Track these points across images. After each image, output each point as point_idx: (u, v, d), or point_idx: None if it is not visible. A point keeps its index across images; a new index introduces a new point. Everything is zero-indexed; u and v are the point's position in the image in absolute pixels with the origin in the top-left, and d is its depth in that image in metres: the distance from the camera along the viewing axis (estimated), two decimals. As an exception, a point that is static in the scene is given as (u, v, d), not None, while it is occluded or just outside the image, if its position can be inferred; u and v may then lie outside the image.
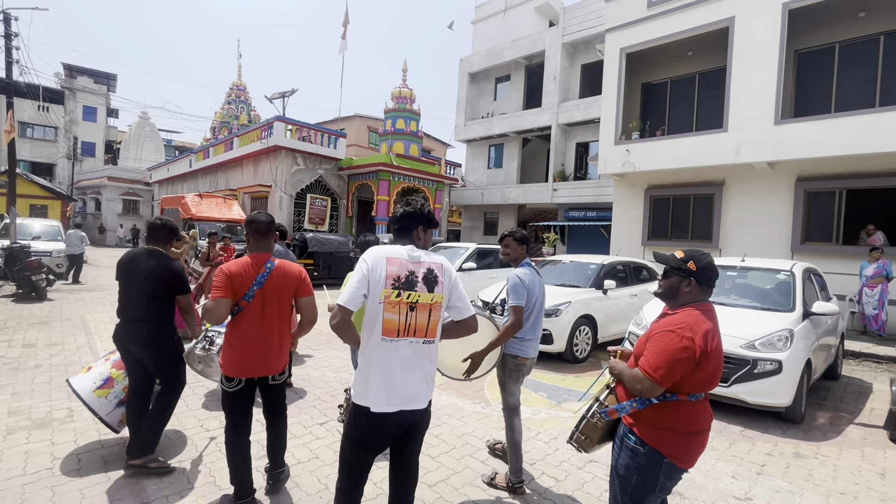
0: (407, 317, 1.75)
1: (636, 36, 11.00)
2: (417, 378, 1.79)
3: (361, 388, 1.78)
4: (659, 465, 1.66)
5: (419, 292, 1.76)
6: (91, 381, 2.96)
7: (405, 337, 1.75)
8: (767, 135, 9.02)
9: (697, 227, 10.85)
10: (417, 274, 1.78)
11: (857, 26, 9.16)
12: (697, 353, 1.60)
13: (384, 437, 1.81)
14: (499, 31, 20.99)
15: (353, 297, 1.71)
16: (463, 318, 1.91)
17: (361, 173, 16.60)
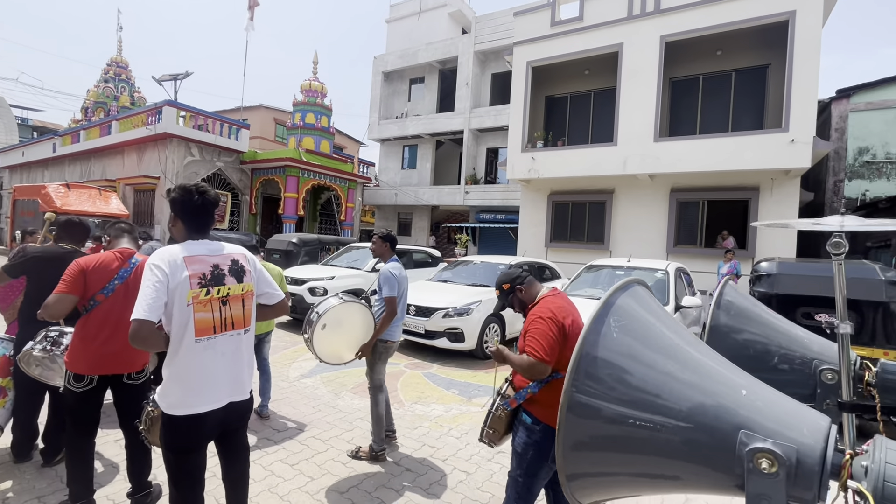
0: (221, 312, 1.76)
1: (541, 51, 11.80)
2: (240, 369, 1.82)
3: (175, 395, 1.71)
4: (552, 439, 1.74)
5: (228, 285, 1.79)
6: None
7: (223, 332, 1.76)
8: (648, 150, 10.24)
9: (592, 230, 11.95)
10: (223, 267, 1.79)
11: (716, 62, 10.81)
12: (559, 324, 1.86)
13: (209, 435, 1.80)
14: (413, 33, 21.10)
15: (154, 309, 1.61)
16: (275, 303, 2.00)
17: (267, 168, 15.58)
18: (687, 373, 0.85)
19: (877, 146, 11.52)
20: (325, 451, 3.35)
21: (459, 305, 6.10)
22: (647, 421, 0.85)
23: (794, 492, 0.76)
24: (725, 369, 0.91)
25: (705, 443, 0.81)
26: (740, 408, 0.82)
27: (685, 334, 0.99)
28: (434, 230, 21.50)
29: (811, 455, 0.74)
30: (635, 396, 0.87)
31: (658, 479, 0.92)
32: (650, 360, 0.89)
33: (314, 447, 3.41)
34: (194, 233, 1.82)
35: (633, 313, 0.97)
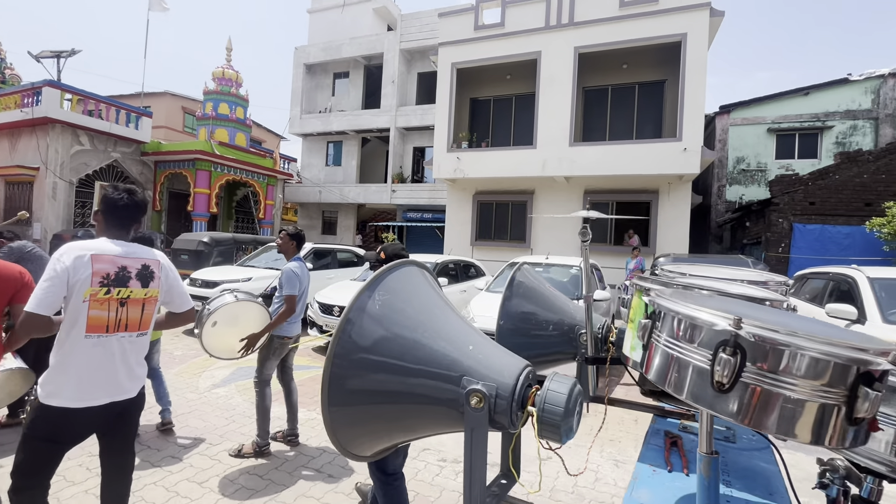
0: (118, 312, 1.79)
1: (465, 53, 12.05)
2: (127, 370, 1.84)
3: (55, 385, 1.72)
4: None
5: (132, 288, 1.83)
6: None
7: (115, 332, 1.80)
8: (564, 154, 10.90)
9: (515, 229, 12.46)
10: (130, 270, 1.83)
11: (622, 75, 11.79)
12: None
13: (83, 432, 1.81)
14: (337, 26, 20.49)
15: (50, 303, 1.65)
16: (181, 311, 2.08)
17: (174, 161, 14.22)
18: (432, 337, 1.05)
19: (751, 157, 13.30)
20: (238, 465, 3.15)
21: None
22: (399, 374, 1.03)
23: (495, 420, 0.96)
24: (462, 333, 1.11)
25: (441, 388, 1.00)
26: (465, 359, 1.02)
27: (440, 308, 1.18)
28: (360, 229, 21.07)
29: (505, 391, 0.95)
30: (390, 355, 1.03)
31: (411, 421, 1.09)
32: (403, 327, 1.06)
33: (227, 462, 3.20)
34: (114, 231, 1.87)
35: (397, 290, 1.14)
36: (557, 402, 0.92)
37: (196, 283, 7.22)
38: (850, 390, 0.67)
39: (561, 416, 0.92)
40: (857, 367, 0.66)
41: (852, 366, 0.67)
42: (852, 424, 0.68)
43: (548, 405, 0.93)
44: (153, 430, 3.57)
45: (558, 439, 0.94)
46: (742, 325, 0.72)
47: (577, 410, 0.96)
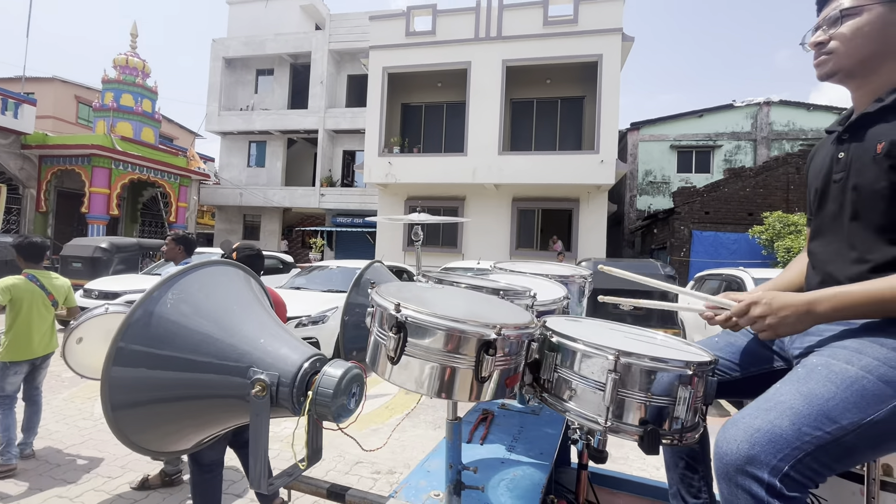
0: None
1: (396, 58, 12.02)
2: None
3: None
4: None
5: None
6: None
7: None
8: (494, 162, 11.25)
9: (446, 235, 12.60)
10: None
11: (546, 90, 12.46)
12: None
13: None
14: (261, 20, 19.46)
15: None
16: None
17: (64, 156, 12.52)
18: (225, 333, 1.11)
19: (657, 170, 14.68)
20: (143, 499, 2.81)
21: (314, 313, 5.79)
22: (189, 370, 1.07)
23: (278, 405, 1.04)
24: (260, 328, 1.18)
25: (230, 381, 1.06)
26: (255, 351, 1.09)
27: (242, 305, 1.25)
28: (286, 234, 20.08)
29: (287, 378, 1.03)
30: (179, 352, 1.08)
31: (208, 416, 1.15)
32: (196, 324, 1.10)
33: (129, 496, 2.83)
34: None
35: (193, 288, 1.18)
36: (329, 384, 1.00)
37: (91, 294, 6.40)
38: (477, 356, 0.86)
39: (331, 397, 0.99)
40: (476, 338, 0.86)
41: (472, 337, 0.86)
42: (482, 382, 0.87)
43: (321, 388, 1.01)
44: (39, 460, 3.07)
45: (332, 419, 1.02)
46: (400, 309, 0.89)
47: (352, 391, 1.04)
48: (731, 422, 0.86)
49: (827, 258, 1.02)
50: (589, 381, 0.95)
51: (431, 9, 11.72)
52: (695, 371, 0.91)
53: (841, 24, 0.94)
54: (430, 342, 0.87)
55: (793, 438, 0.79)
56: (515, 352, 0.95)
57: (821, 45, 0.98)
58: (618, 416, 0.92)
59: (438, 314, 0.88)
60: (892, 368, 0.83)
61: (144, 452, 1.18)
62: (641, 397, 0.91)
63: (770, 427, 0.80)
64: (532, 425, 1.59)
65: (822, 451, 0.79)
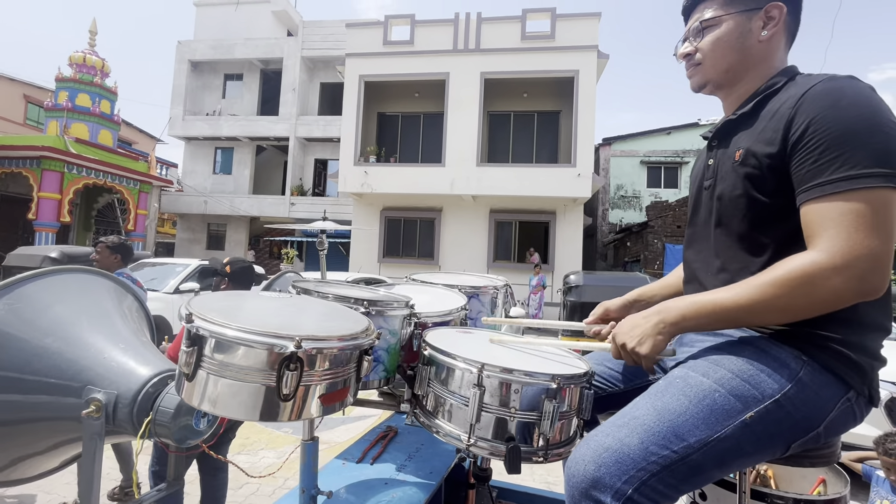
0: None
1: (373, 67, 11.87)
2: None
3: None
4: None
5: None
6: None
7: None
8: (472, 173, 11.21)
9: (423, 246, 12.40)
10: None
11: (523, 103, 12.60)
12: None
13: None
14: (230, 24, 18.89)
15: None
16: None
17: (9, 158, 11.56)
18: (64, 345, 0.99)
19: (628, 184, 15.07)
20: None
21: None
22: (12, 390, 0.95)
23: (117, 427, 0.95)
24: (107, 339, 1.08)
25: (62, 402, 0.96)
26: (96, 366, 0.99)
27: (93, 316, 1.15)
28: (253, 244, 19.32)
29: (125, 398, 0.95)
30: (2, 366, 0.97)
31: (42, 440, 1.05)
32: (26, 338, 0.99)
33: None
34: None
35: (36, 297, 1.08)
36: (170, 403, 0.94)
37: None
38: (277, 371, 0.76)
39: (171, 416, 0.93)
40: (272, 351, 0.75)
41: (267, 350, 0.75)
42: (285, 400, 0.77)
43: (162, 408, 0.94)
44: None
45: (174, 441, 0.95)
46: (193, 319, 0.79)
47: (197, 413, 0.96)
48: (584, 440, 0.81)
49: (698, 266, 0.99)
50: (457, 395, 0.91)
51: (410, 18, 11.67)
52: (561, 384, 0.85)
53: (703, 35, 0.94)
54: (227, 357, 0.77)
55: (639, 458, 0.73)
56: (339, 364, 0.85)
57: (689, 56, 0.97)
58: (483, 433, 0.87)
59: (232, 325, 0.77)
60: (743, 381, 0.78)
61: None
62: (507, 413, 0.86)
63: (619, 446, 0.74)
64: (432, 443, 1.51)
65: (667, 471, 0.73)
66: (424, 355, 0.99)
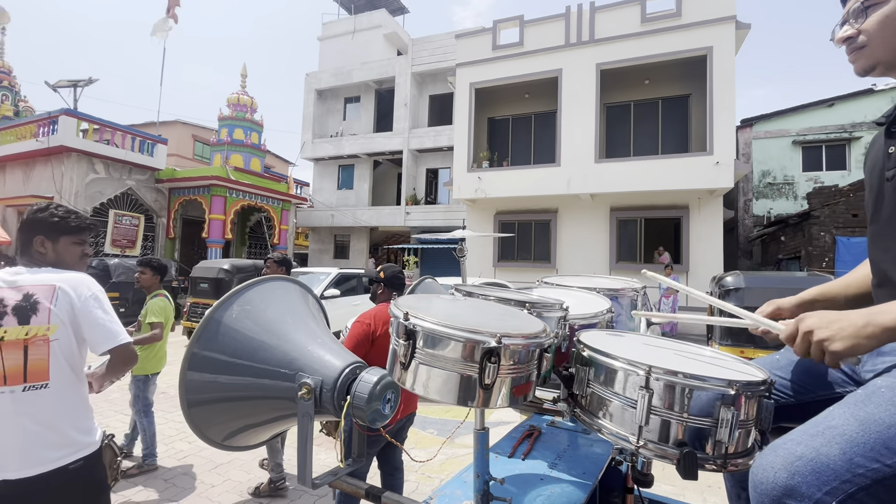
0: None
1: (483, 73, 11.96)
2: (19, 438, 1.38)
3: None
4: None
5: (5, 327, 1.40)
6: None
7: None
8: (590, 171, 10.63)
9: (538, 249, 12.10)
10: (7, 303, 1.41)
11: (644, 91, 11.62)
12: (369, 329, 2.28)
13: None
14: (347, 52, 20.69)
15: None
16: (104, 350, 1.53)
17: (188, 187, 14.05)
18: (278, 341, 1.22)
19: (776, 170, 13.00)
20: None
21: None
22: (248, 374, 1.18)
23: (321, 408, 1.11)
24: (307, 336, 1.27)
25: (281, 385, 1.15)
26: (302, 358, 1.18)
27: (295, 316, 1.33)
28: (373, 252, 20.77)
29: (328, 384, 1.11)
30: (239, 358, 1.18)
31: (265, 416, 1.25)
32: (254, 333, 1.21)
33: None
34: (21, 257, 1.57)
35: (257, 300, 1.29)
36: (364, 390, 1.08)
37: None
38: (480, 363, 0.86)
39: (366, 401, 1.07)
40: (478, 345, 0.86)
41: (474, 345, 0.86)
42: (486, 389, 0.87)
43: (357, 393, 1.08)
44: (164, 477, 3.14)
45: (367, 422, 1.10)
46: (409, 317, 0.92)
47: (387, 398, 1.12)
48: (771, 447, 0.77)
49: (888, 267, 0.90)
50: (621, 397, 0.92)
51: (518, 20, 11.54)
52: (739, 391, 0.83)
53: (866, 15, 0.87)
54: (436, 349, 0.89)
55: (842, 470, 0.69)
56: (524, 361, 0.93)
57: (850, 39, 0.90)
58: (652, 436, 0.87)
59: (443, 322, 0.89)
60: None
61: (215, 445, 1.26)
62: (677, 417, 0.86)
63: (815, 455, 0.71)
64: (580, 444, 1.54)
65: (880, 485, 0.68)
66: (582, 356, 1.04)
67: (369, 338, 2.27)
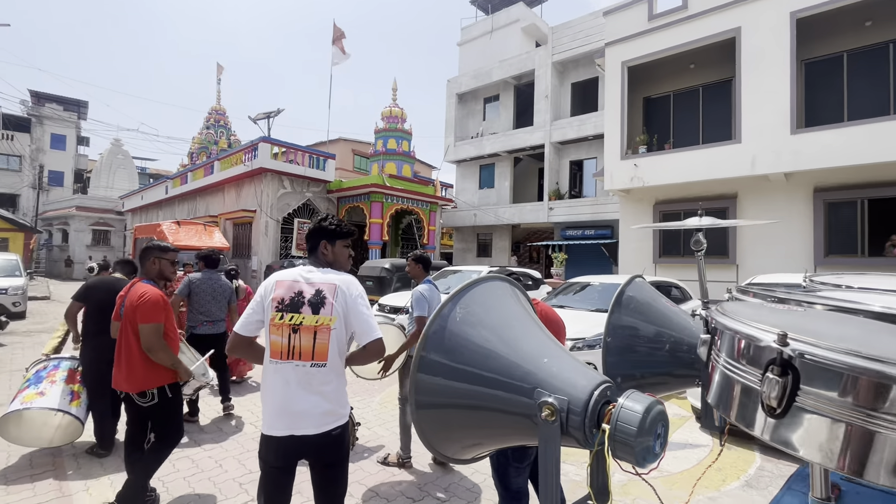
0: (290, 339, 1.75)
1: (637, 49, 10.77)
2: (305, 403, 1.74)
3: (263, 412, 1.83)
4: None
5: (304, 314, 1.75)
6: (60, 397, 3.32)
7: (290, 360, 1.74)
8: (783, 145, 8.72)
9: (711, 242, 10.39)
10: (306, 295, 1.77)
11: (864, 35, 9.06)
12: None
13: (281, 460, 1.79)
14: (485, 52, 20.92)
15: (246, 323, 1.78)
16: (364, 343, 1.82)
17: (352, 195, 15.85)
18: (507, 348, 1.13)
19: None
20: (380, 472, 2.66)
21: (589, 336, 5.20)
22: (476, 383, 1.11)
23: (568, 435, 0.99)
24: (538, 346, 1.16)
25: (515, 399, 1.06)
26: (539, 372, 1.07)
27: (519, 321, 1.24)
28: (515, 250, 20.62)
29: (577, 405, 0.97)
30: (468, 364, 1.12)
31: (491, 429, 1.18)
32: (481, 338, 1.14)
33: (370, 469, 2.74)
34: (308, 257, 1.97)
35: (477, 303, 1.21)
36: (630, 420, 0.90)
37: (384, 308, 7.41)
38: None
39: (634, 434, 0.89)
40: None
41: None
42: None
43: (620, 423, 0.91)
44: (379, 474, 3.34)
45: (634, 461, 0.93)
46: (788, 341, 0.67)
47: (658, 432, 0.93)
48: None
49: None
50: None
51: (681, -20, 10.08)
52: None
53: None
54: (839, 391, 0.62)
55: None
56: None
57: None
58: None
59: (854, 351, 0.62)
60: None
61: (438, 455, 1.22)
62: None
63: None
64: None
65: None
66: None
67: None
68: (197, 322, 4.34)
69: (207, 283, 4.43)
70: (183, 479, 3.15)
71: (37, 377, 3.44)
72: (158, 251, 2.76)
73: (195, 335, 4.27)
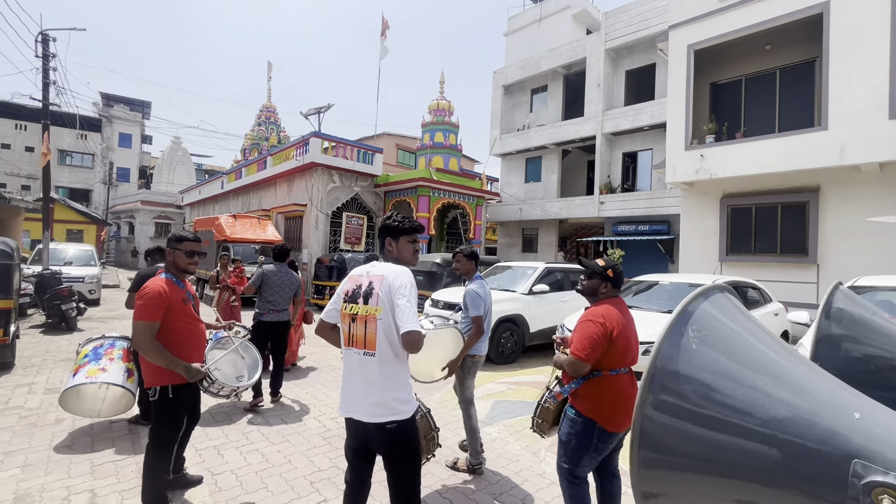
0: (350, 328, 1.88)
1: (706, 31, 10.00)
2: (361, 389, 1.83)
3: None
4: (592, 430, 2.13)
5: (359, 304, 1.87)
6: (120, 374, 3.62)
7: (352, 347, 1.87)
8: (879, 131, 7.81)
9: (787, 239, 9.56)
10: (362, 287, 1.89)
11: (982, 4, 7.93)
12: (606, 329, 2.13)
13: (351, 439, 1.92)
14: (534, 42, 20.31)
15: (329, 311, 1.98)
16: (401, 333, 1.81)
17: (399, 189, 15.84)
18: (782, 389, 0.79)
19: None
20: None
21: (664, 339, 4.81)
22: (736, 443, 0.80)
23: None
24: (832, 387, 0.83)
25: (808, 471, 0.74)
26: (853, 434, 0.73)
27: (780, 347, 0.93)
28: (562, 245, 20.01)
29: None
30: (720, 414, 0.82)
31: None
32: (736, 375, 0.84)
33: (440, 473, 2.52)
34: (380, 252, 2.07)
35: (713, 323, 0.94)
36: None
37: (438, 304, 7.26)
38: None
39: None
40: None
41: None
42: None
43: None
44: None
45: None
46: None
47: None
48: None
49: None
50: None
51: (758, -47, 9.22)
52: None
53: None
54: None
55: None
56: None
57: None
58: None
59: None
60: None
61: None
62: None
63: None
64: None
65: None
66: None
67: (608, 338, 2.13)
68: (265, 310, 4.57)
69: (279, 276, 4.67)
70: (255, 473, 3.13)
71: (95, 353, 3.70)
72: (173, 241, 2.63)
73: (262, 322, 4.54)
